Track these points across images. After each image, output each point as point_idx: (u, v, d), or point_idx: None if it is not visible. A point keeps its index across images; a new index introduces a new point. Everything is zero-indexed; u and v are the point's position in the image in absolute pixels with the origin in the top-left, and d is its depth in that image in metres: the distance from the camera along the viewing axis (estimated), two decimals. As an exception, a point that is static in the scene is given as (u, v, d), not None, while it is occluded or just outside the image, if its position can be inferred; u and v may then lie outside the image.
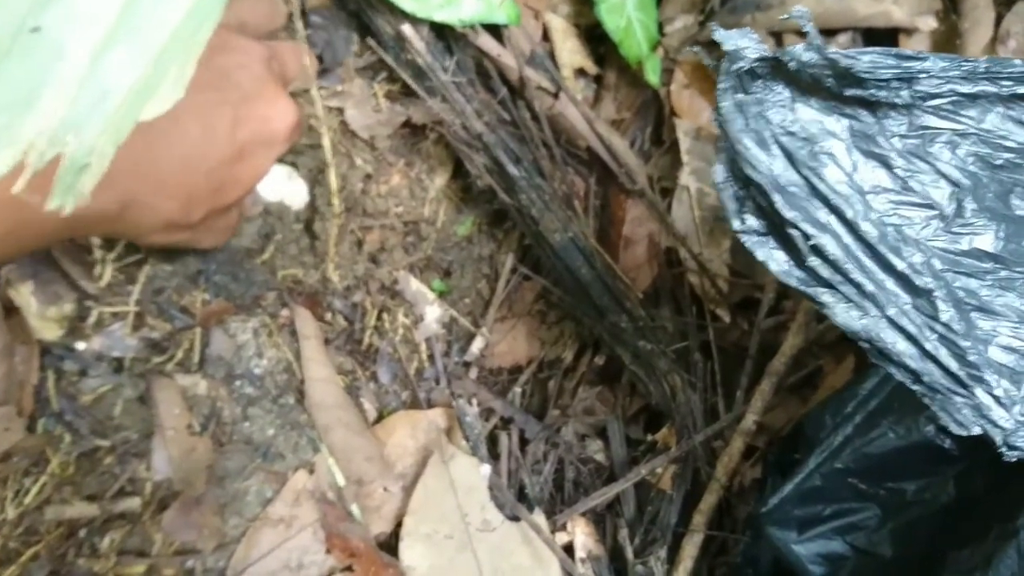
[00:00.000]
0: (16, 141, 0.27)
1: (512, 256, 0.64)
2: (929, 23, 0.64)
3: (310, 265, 0.63)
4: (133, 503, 0.58)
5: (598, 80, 0.67)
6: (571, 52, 0.65)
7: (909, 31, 0.65)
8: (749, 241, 0.32)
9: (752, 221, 0.32)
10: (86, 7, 0.28)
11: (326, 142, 0.61)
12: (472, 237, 0.65)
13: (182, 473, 0.59)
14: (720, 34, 0.30)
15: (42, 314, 0.58)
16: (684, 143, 0.64)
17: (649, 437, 0.57)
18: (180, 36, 0.26)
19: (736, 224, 0.32)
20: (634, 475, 0.55)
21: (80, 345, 0.59)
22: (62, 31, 0.28)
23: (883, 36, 0.65)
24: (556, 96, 0.62)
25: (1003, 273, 0.32)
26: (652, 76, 0.64)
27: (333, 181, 0.60)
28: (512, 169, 0.57)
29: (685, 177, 0.64)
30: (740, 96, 0.31)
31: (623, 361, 0.58)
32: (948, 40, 0.64)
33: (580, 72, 0.66)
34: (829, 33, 0.66)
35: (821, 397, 0.57)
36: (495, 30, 0.61)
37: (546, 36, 0.65)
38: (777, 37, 0.67)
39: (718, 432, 0.55)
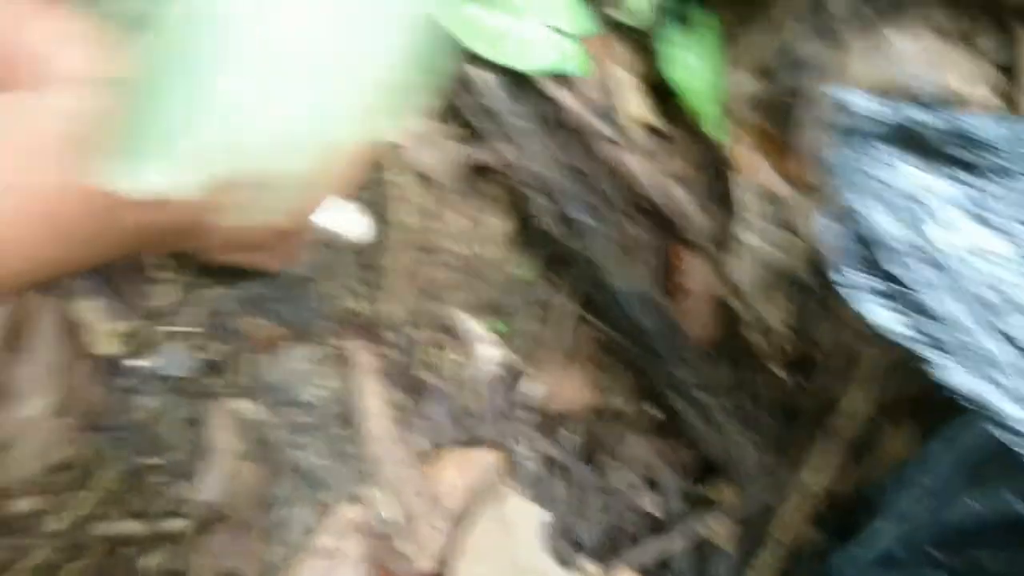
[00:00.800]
0: (174, 157, 0.27)
1: (570, 300, 0.64)
2: (984, 92, 0.66)
3: (367, 297, 0.64)
4: (178, 524, 0.58)
5: (660, 133, 0.68)
6: (636, 105, 0.66)
7: (964, 100, 0.66)
8: (848, 293, 0.32)
9: (852, 274, 0.32)
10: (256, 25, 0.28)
11: (391, 178, 0.62)
12: (529, 280, 0.66)
13: (229, 497, 0.59)
14: (837, 93, 0.31)
15: (103, 330, 0.59)
16: (745, 199, 0.65)
17: (704, 491, 0.57)
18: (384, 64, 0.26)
19: (835, 276, 0.32)
20: (689, 529, 0.55)
21: (137, 362, 0.60)
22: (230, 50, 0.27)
23: (940, 104, 0.66)
24: (620, 146, 0.63)
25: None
26: (716, 132, 0.65)
27: (398, 219, 0.61)
28: (577, 215, 0.58)
29: (745, 233, 0.65)
30: (850, 152, 0.31)
31: (680, 412, 0.58)
32: (1005, 109, 0.65)
33: (643, 125, 0.67)
34: (888, 93, 0.67)
35: (880, 460, 0.56)
36: (564, 78, 0.63)
37: (612, 88, 0.66)
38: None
39: (777, 490, 0.55)
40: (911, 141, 0.32)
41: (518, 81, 0.62)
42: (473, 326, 0.64)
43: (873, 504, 0.47)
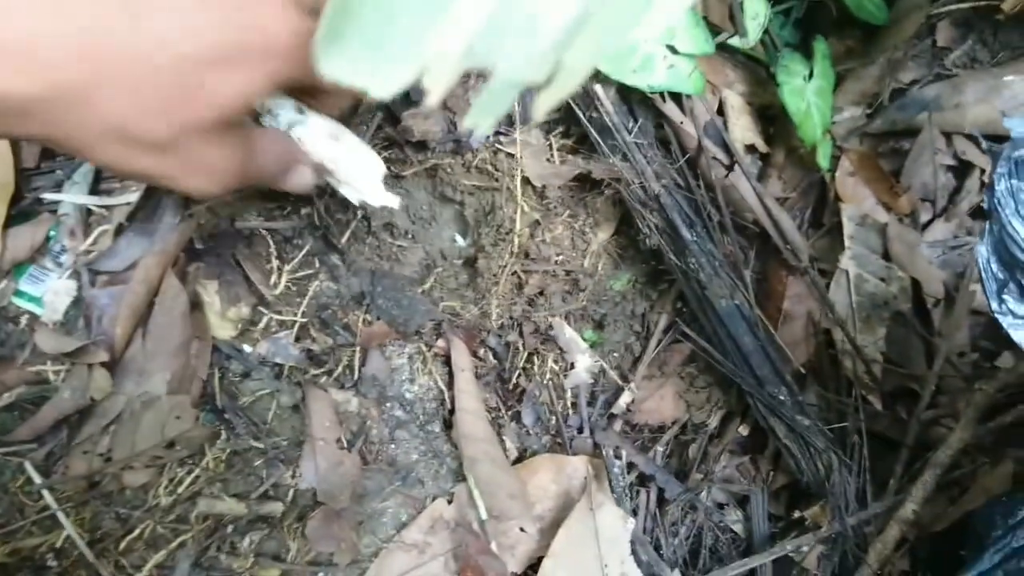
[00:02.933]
0: (416, 56, 0.25)
1: (666, 316, 0.65)
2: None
3: (469, 300, 0.65)
4: (276, 507, 0.60)
5: (765, 158, 0.69)
6: (744, 128, 0.67)
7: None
8: (1008, 323, 0.32)
9: (1013, 304, 0.32)
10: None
11: (504, 184, 0.63)
12: (627, 293, 0.67)
13: (327, 485, 0.60)
14: (1009, 122, 0.31)
15: (223, 313, 0.61)
16: (847, 228, 0.65)
17: (796, 514, 0.57)
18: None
19: (995, 305, 0.32)
20: (778, 549, 0.55)
21: (248, 347, 0.62)
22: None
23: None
24: (730, 168, 0.64)
25: None
26: (823, 160, 0.65)
27: (502, 225, 0.63)
28: (685, 232, 0.59)
29: (845, 261, 0.65)
30: (1015, 182, 0.32)
31: (774, 433, 0.58)
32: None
33: (750, 148, 0.68)
34: (999, 139, 0.67)
35: (974, 497, 0.56)
36: (678, 97, 0.64)
37: (721, 111, 0.67)
38: (947, 137, 0.68)
39: (871, 518, 0.55)
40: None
41: (635, 97, 0.63)
42: (572, 335, 0.65)
43: (982, 539, 0.47)
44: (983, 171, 0.66)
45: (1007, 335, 0.33)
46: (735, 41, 0.66)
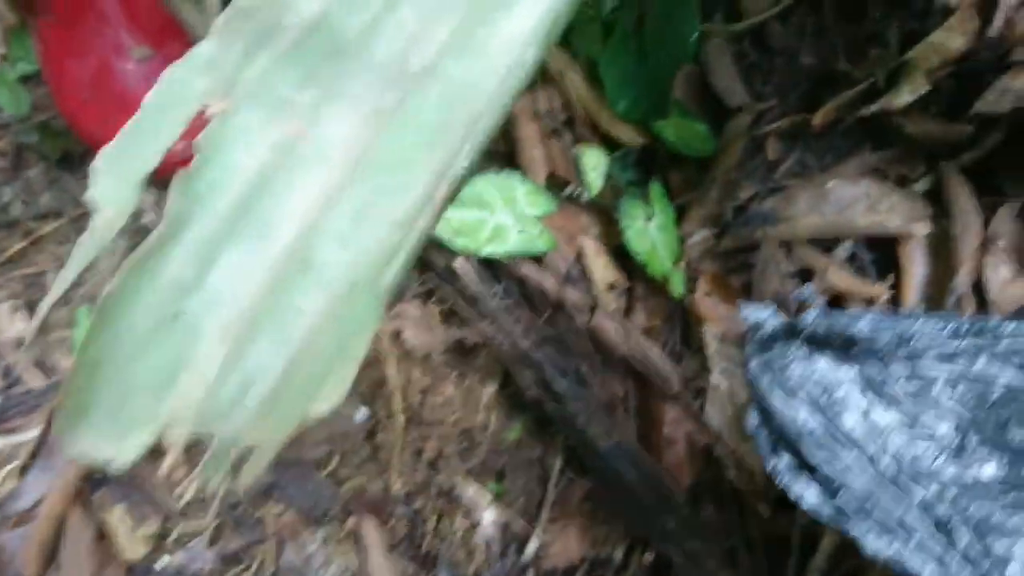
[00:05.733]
0: (153, 422, 0.30)
1: (560, 458, 0.69)
2: (923, 229, 0.72)
3: (373, 474, 0.68)
4: None
5: (629, 291, 0.75)
6: (603, 268, 0.73)
7: (905, 238, 0.72)
8: (782, 480, 0.37)
9: (784, 462, 0.37)
10: (228, 294, 0.33)
11: (387, 359, 0.67)
12: (522, 441, 0.71)
13: None
14: (744, 310, 0.36)
15: (132, 533, 0.63)
16: (711, 346, 0.71)
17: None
18: (328, 334, 0.31)
19: (770, 465, 0.37)
20: (691, 675, 0.57)
21: (162, 562, 0.64)
22: (202, 318, 0.33)
23: (882, 243, 0.73)
24: (592, 311, 0.69)
25: (1011, 496, 0.37)
26: (676, 288, 0.71)
27: (394, 396, 0.67)
28: (558, 383, 0.63)
29: (716, 377, 0.70)
30: (766, 355, 0.37)
31: (673, 560, 0.61)
32: (942, 243, 0.71)
33: (612, 287, 0.73)
34: (832, 242, 0.73)
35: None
36: (535, 257, 0.69)
37: (580, 257, 0.72)
38: (787, 246, 0.74)
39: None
40: (821, 340, 0.37)
41: (493, 265, 0.68)
42: (475, 491, 0.68)
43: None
44: (824, 273, 0.72)
45: (786, 491, 0.37)
46: (582, 194, 0.73)
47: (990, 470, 0.37)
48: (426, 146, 0.30)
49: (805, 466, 0.37)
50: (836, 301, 0.72)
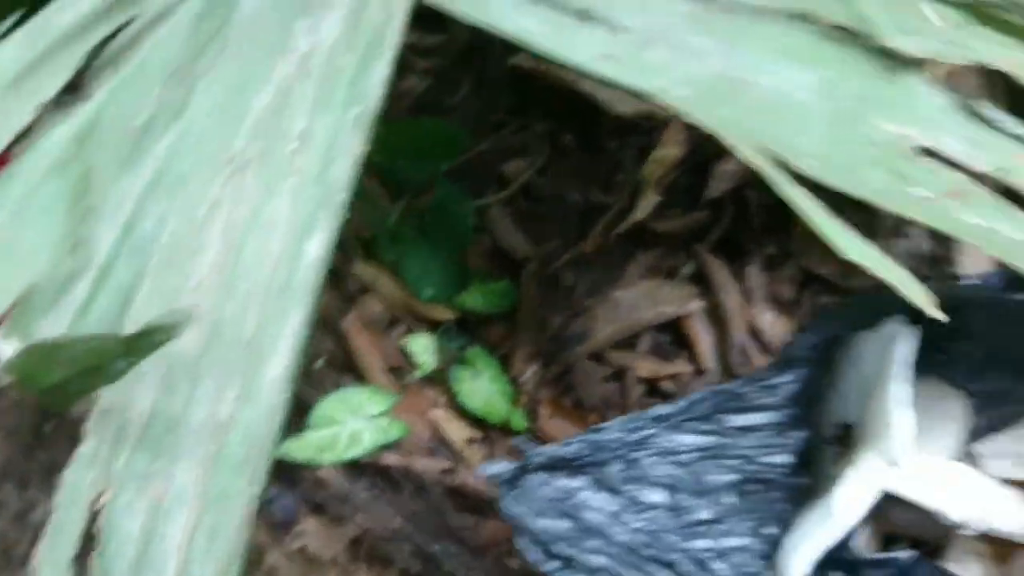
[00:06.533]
0: None
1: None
2: (696, 305, 0.86)
3: None
4: None
5: (487, 440, 0.86)
6: (458, 430, 0.84)
7: (685, 317, 0.86)
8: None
9: (555, 565, 0.48)
10: None
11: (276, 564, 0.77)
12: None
13: None
14: (486, 474, 0.48)
15: None
16: (565, 462, 0.82)
17: None
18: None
19: (544, 567, 0.48)
20: None
21: None
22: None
23: (672, 326, 0.87)
24: (454, 471, 0.80)
25: (722, 526, 0.48)
26: (519, 424, 0.83)
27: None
28: (431, 548, 0.74)
29: (576, 487, 0.81)
30: (515, 491, 0.49)
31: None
32: (715, 312, 0.86)
33: (471, 440, 0.85)
34: (633, 339, 0.87)
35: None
36: (395, 444, 0.81)
37: (435, 427, 0.84)
38: (598, 356, 0.87)
39: None
40: (548, 468, 0.49)
41: (360, 465, 0.79)
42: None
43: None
44: (633, 367, 0.85)
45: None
46: (419, 373, 0.85)
47: (702, 512, 0.49)
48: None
49: (568, 562, 0.48)
50: (650, 385, 0.85)
